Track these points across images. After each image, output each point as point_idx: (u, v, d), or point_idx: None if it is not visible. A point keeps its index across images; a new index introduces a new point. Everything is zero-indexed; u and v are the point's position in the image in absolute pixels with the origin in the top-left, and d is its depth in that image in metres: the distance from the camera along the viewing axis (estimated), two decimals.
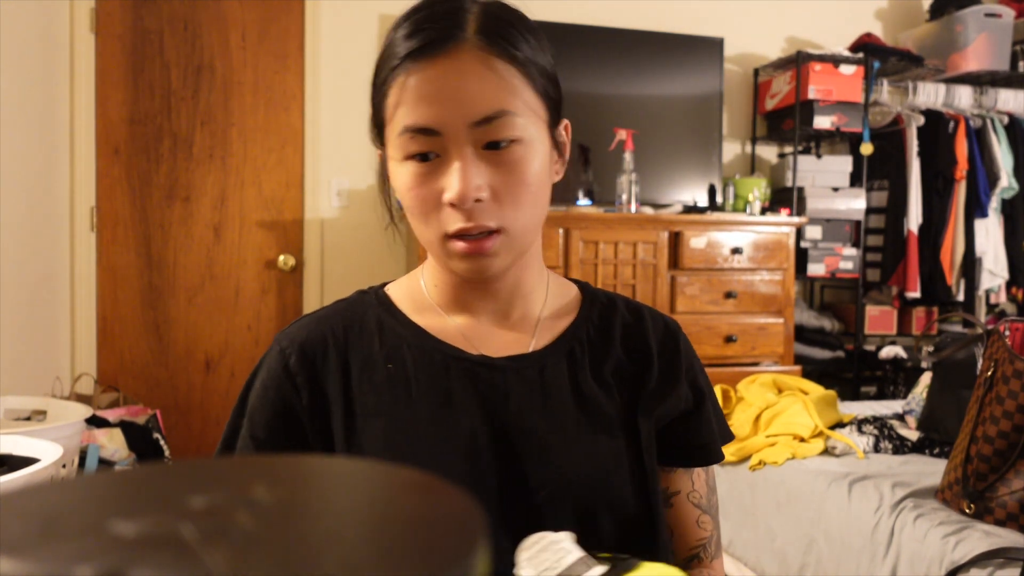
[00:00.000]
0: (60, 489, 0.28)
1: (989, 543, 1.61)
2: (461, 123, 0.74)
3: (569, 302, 0.90)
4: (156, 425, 2.25)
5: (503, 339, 0.85)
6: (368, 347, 0.83)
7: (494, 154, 0.75)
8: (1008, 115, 4.02)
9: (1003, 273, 3.98)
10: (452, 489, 0.28)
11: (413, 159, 0.76)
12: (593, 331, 0.87)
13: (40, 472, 1.03)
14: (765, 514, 2.25)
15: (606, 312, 0.89)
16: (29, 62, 2.73)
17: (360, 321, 0.85)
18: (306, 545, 0.23)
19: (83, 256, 3.26)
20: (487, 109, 0.74)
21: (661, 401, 0.85)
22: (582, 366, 0.84)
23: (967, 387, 2.10)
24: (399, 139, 0.76)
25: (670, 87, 3.75)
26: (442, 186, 0.75)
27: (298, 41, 3.47)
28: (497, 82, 0.75)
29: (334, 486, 0.30)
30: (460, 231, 0.75)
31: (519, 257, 0.81)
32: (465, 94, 0.74)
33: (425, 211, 0.77)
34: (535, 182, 0.78)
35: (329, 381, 0.81)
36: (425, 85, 0.74)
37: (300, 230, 3.49)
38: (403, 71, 0.75)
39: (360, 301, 0.88)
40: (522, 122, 0.76)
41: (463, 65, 0.74)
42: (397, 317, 0.85)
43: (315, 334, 0.84)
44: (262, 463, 0.32)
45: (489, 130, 0.74)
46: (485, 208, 0.75)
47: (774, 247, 3.52)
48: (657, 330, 0.89)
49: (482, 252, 0.76)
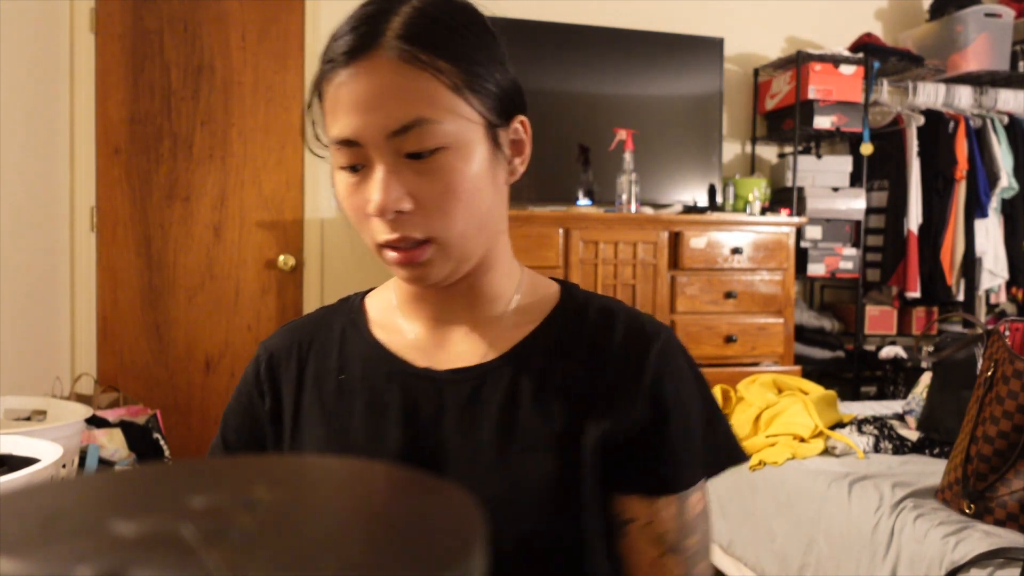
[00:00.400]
0: (60, 489, 0.28)
1: (989, 543, 1.61)
2: (379, 134, 0.71)
3: (539, 307, 0.83)
4: (156, 425, 2.25)
5: (457, 349, 0.81)
6: (326, 358, 0.84)
7: (418, 163, 0.72)
8: (1008, 115, 4.02)
9: (1003, 273, 3.98)
10: (452, 489, 0.28)
11: (344, 169, 0.75)
12: (552, 341, 0.80)
13: (40, 472, 1.03)
14: (765, 514, 2.24)
15: (575, 318, 0.82)
16: (29, 62, 2.73)
17: (327, 331, 0.86)
18: (306, 545, 0.23)
19: (83, 256, 3.26)
20: (402, 119, 0.71)
21: (608, 413, 0.77)
22: (527, 380, 0.78)
23: (967, 387, 2.10)
24: (332, 149, 0.75)
25: (670, 87, 3.75)
26: (366, 197, 0.73)
27: (298, 41, 3.47)
28: (413, 90, 0.71)
29: (334, 486, 0.30)
30: (387, 243, 0.74)
31: (462, 264, 0.77)
32: (380, 104, 0.71)
33: (358, 220, 0.76)
34: (469, 188, 0.74)
35: (285, 389, 0.84)
36: (346, 93, 0.72)
37: (300, 230, 3.49)
38: (331, 76, 0.74)
39: (336, 310, 0.89)
40: (447, 128, 0.72)
41: (378, 74, 0.71)
42: (359, 328, 0.85)
43: (286, 342, 0.87)
44: (262, 463, 0.32)
45: (407, 139, 0.71)
46: (410, 219, 0.73)
47: (774, 247, 3.52)
48: (624, 334, 0.80)
49: (413, 261, 0.74)
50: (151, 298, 3.36)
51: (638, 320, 0.82)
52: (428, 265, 0.75)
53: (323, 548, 0.24)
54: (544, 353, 0.80)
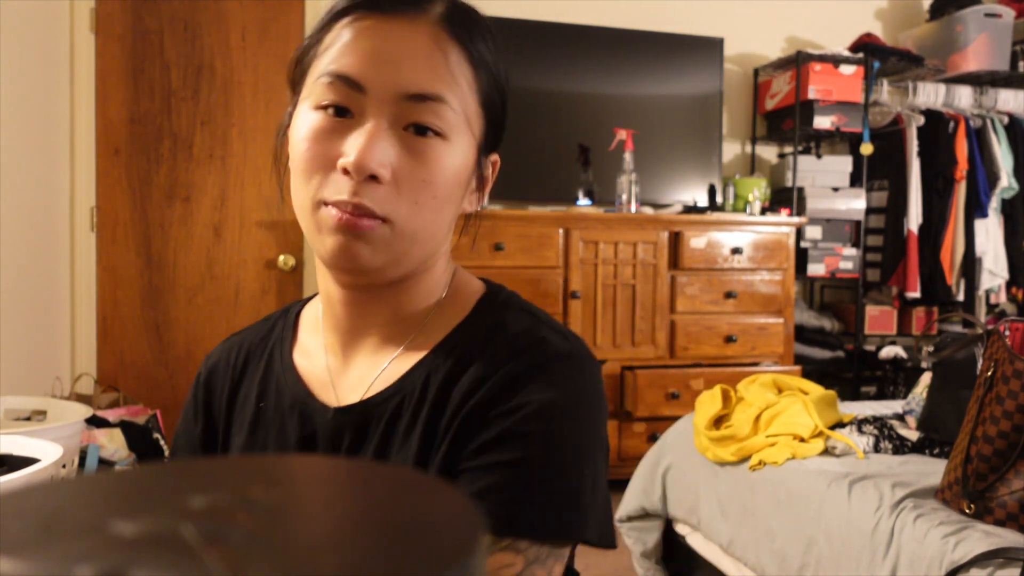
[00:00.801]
0: (60, 489, 0.28)
1: (989, 543, 1.61)
2: (391, 89, 0.66)
3: (442, 328, 0.75)
4: (156, 425, 2.25)
5: (355, 375, 0.75)
6: (251, 381, 0.80)
7: (412, 138, 0.67)
8: (1008, 115, 4.02)
9: (1003, 273, 3.98)
10: (452, 489, 0.28)
11: (324, 109, 0.67)
12: (432, 371, 0.71)
13: (40, 472, 1.03)
14: (765, 514, 2.24)
15: (470, 336, 0.72)
16: (29, 62, 2.73)
17: (261, 348, 0.82)
18: (306, 545, 0.23)
19: (83, 256, 3.26)
20: (424, 87, 0.66)
21: (454, 441, 0.68)
22: (402, 418, 0.71)
23: (967, 387, 2.10)
24: (319, 84, 0.67)
25: (670, 87, 3.75)
26: (342, 149, 0.66)
27: (298, 41, 3.46)
28: (445, 69, 0.67)
29: (333, 486, 0.30)
30: (338, 201, 0.65)
31: (398, 263, 0.70)
32: (407, 63, 0.66)
33: (310, 169, 0.67)
34: (444, 189, 0.68)
35: (218, 413, 0.81)
36: (368, 37, 0.67)
37: (300, 230, 3.48)
38: (350, 14, 0.68)
39: (277, 323, 0.84)
40: (453, 119, 0.68)
41: (417, 37, 0.67)
42: (283, 349, 0.80)
43: (224, 359, 0.82)
44: (262, 463, 0.32)
45: (418, 109, 0.66)
46: (376, 191, 0.65)
47: (774, 247, 3.52)
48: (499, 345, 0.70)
49: (354, 229, 0.65)
50: (151, 298, 3.37)
51: (530, 334, 0.70)
52: (368, 242, 0.66)
53: (323, 548, 0.24)
54: (424, 382, 0.71)
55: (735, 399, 2.61)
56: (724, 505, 2.41)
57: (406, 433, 0.70)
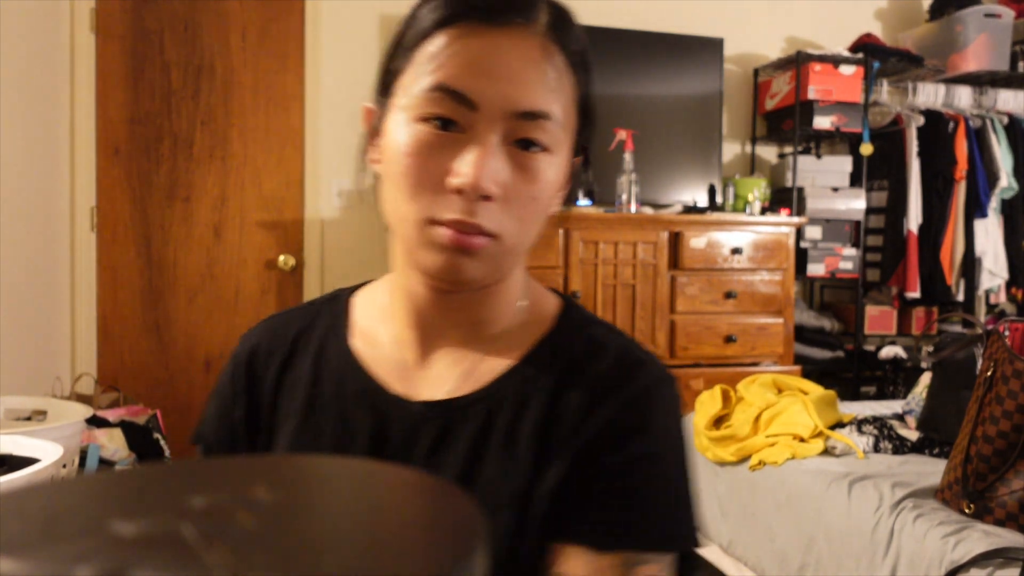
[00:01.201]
0: (60, 489, 0.28)
1: (989, 543, 1.61)
2: (503, 106, 0.64)
3: (530, 336, 0.75)
4: (156, 425, 2.24)
5: (435, 372, 0.74)
6: (303, 364, 0.77)
7: (519, 154, 0.66)
8: (1008, 115, 4.02)
9: (1003, 273, 3.98)
10: (452, 489, 0.28)
11: (429, 122, 0.65)
12: (531, 376, 0.72)
13: (40, 472, 1.03)
14: (765, 514, 2.25)
15: (562, 349, 0.73)
16: (29, 62, 2.73)
17: (309, 332, 0.79)
18: (306, 545, 0.23)
19: (83, 256, 3.26)
20: (535, 104, 0.65)
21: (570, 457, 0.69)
22: (496, 423, 0.71)
23: (967, 387, 2.10)
24: (424, 95, 0.65)
25: (670, 87, 3.75)
26: (451, 166, 0.65)
27: (298, 41, 3.47)
28: (554, 81, 0.67)
29: (334, 486, 0.30)
30: (452, 221, 0.64)
31: (496, 275, 0.71)
32: (520, 79, 0.65)
33: (418, 185, 0.65)
34: (546, 200, 0.70)
35: (263, 397, 0.77)
36: (477, 49, 0.65)
37: (300, 230, 3.49)
38: (456, 23, 0.65)
39: (323, 308, 0.81)
40: (556, 132, 0.68)
41: (528, 49, 0.66)
42: (339, 334, 0.78)
43: (267, 341, 0.79)
44: (262, 463, 0.32)
45: (526, 127, 0.66)
46: (490, 209, 0.65)
47: (774, 247, 3.52)
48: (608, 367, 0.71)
49: (466, 248, 0.65)
50: (151, 298, 3.37)
51: (630, 354, 0.73)
52: (475, 259, 0.66)
53: (323, 548, 0.24)
54: (520, 391, 0.72)
55: (735, 399, 2.61)
56: (724, 505, 2.41)
57: (508, 440, 0.70)
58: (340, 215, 3.52)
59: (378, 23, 3.57)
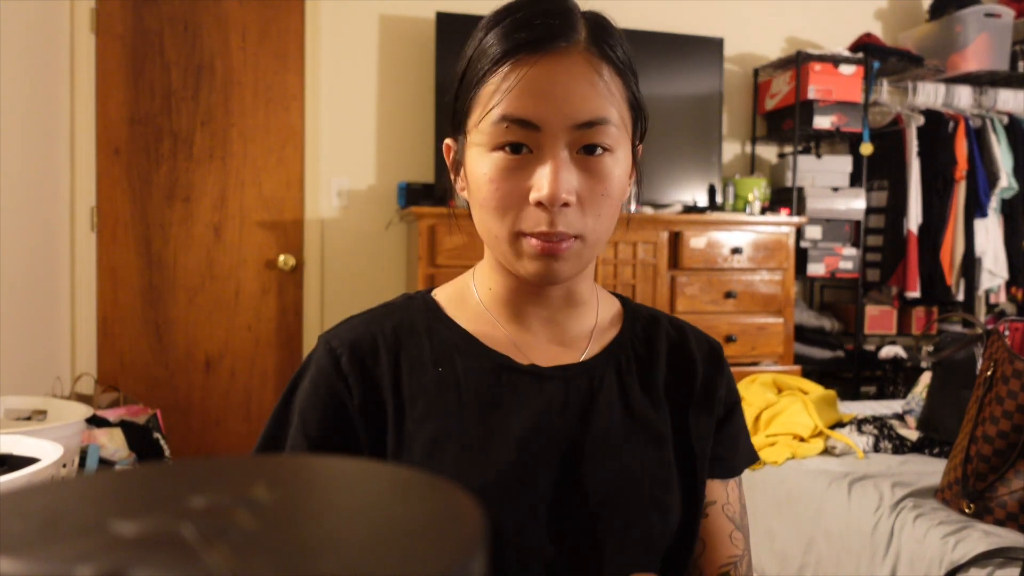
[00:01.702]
0: (60, 489, 0.28)
1: (989, 543, 1.61)
2: (563, 123, 0.73)
3: (613, 315, 0.90)
4: (156, 425, 2.24)
5: (552, 350, 0.84)
6: (417, 349, 0.82)
7: (585, 160, 0.75)
8: (1008, 115, 4.02)
9: (1003, 273, 3.98)
10: (452, 489, 0.28)
11: (503, 149, 0.74)
12: (638, 345, 0.87)
13: (40, 472, 1.03)
14: (765, 514, 2.25)
15: (649, 327, 0.90)
16: (29, 62, 2.73)
17: (409, 323, 0.84)
18: (306, 545, 0.23)
19: (83, 256, 3.26)
20: (591, 113, 0.74)
21: (710, 401, 0.87)
22: (630, 378, 0.85)
23: (967, 387, 2.10)
24: (493, 127, 0.74)
25: (670, 87, 3.75)
26: (530, 183, 0.74)
27: (298, 41, 3.47)
28: (603, 88, 0.75)
29: (334, 486, 0.30)
30: (538, 233, 0.74)
31: (583, 268, 0.80)
32: (573, 95, 0.73)
33: (504, 206, 0.75)
34: (616, 195, 0.77)
35: (381, 381, 0.80)
36: (533, 79, 0.73)
37: (300, 230, 3.49)
38: (510, 62, 0.74)
39: (407, 305, 0.87)
40: (615, 132, 0.76)
41: (574, 66, 0.74)
42: (445, 322, 0.84)
43: (364, 334, 0.83)
44: (262, 463, 0.32)
45: (588, 134, 0.74)
46: (569, 214, 0.74)
47: (774, 247, 3.52)
48: (701, 349, 0.90)
49: (555, 254, 0.75)
50: (151, 298, 3.37)
51: (703, 335, 0.94)
52: (564, 260, 0.76)
53: (323, 548, 0.24)
54: (634, 357, 0.86)
55: None
56: None
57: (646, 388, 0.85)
58: (340, 215, 3.52)
59: (378, 23, 3.57)
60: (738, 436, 0.91)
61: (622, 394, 0.83)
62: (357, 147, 3.53)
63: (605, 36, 0.77)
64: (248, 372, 3.46)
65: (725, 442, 0.89)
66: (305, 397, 0.81)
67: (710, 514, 0.87)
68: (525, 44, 0.73)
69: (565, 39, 0.74)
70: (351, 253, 3.51)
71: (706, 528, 0.87)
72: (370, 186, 3.54)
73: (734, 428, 0.90)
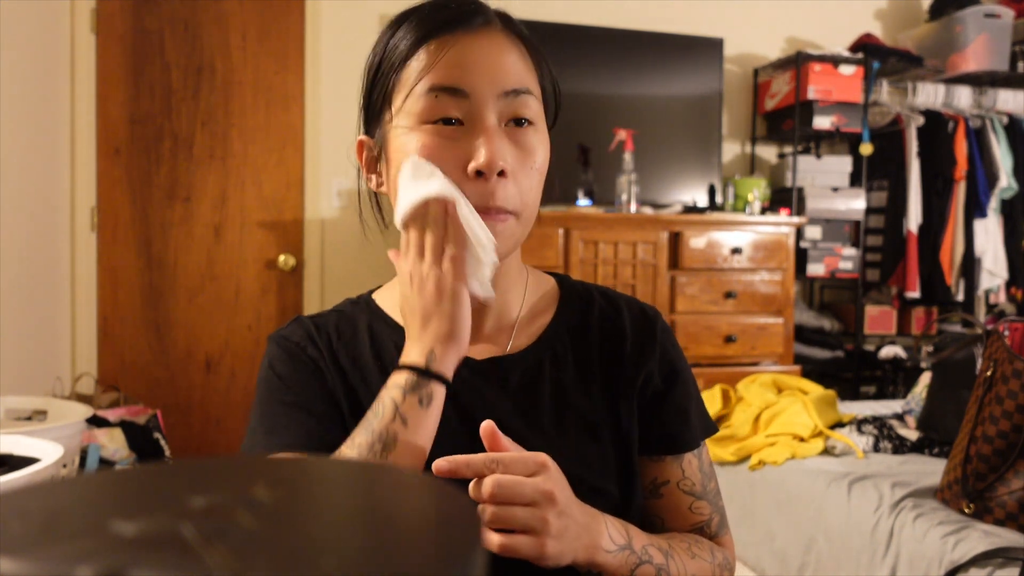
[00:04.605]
0: (61, 489, 0.28)
1: (988, 543, 1.61)
2: (492, 90, 0.74)
3: (546, 298, 0.89)
4: (156, 425, 2.24)
5: (482, 338, 0.84)
6: (359, 349, 0.84)
7: (514, 131, 0.76)
8: (1007, 115, 4.02)
9: (1002, 273, 3.98)
10: (452, 489, 0.28)
11: (432, 124, 0.74)
12: (572, 329, 0.87)
13: (41, 472, 1.03)
14: (765, 514, 2.25)
15: (583, 306, 0.89)
16: (29, 62, 2.73)
17: (352, 326, 0.86)
18: (306, 545, 0.23)
19: (83, 256, 3.26)
20: (517, 82, 0.76)
21: (633, 382, 0.85)
22: (564, 366, 0.84)
23: (966, 387, 2.10)
24: (421, 100, 0.74)
25: (670, 87, 3.75)
26: (464, 153, 0.74)
27: (298, 41, 3.47)
28: (524, 62, 0.78)
29: (334, 486, 0.30)
30: (479, 207, 0.74)
31: (514, 249, 0.80)
32: (498, 64, 0.75)
33: None
34: (543, 172, 0.79)
35: (334, 373, 0.83)
36: (455, 52, 0.74)
37: (300, 230, 3.49)
38: (430, 39, 0.75)
39: (349, 309, 0.89)
40: (536, 107, 0.78)
41: (495, 40, 0.76)
42: (386, 321, 0.86)
43: (309, 333, 0.85)
44: (262, 463, 0.32)
45: (515, 104, 0.75)
46: (503, 187, 0.74)
47: (774, 247, 3.52)
48: (633, 316, 0.88)
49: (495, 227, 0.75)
50: (151, 298, 3.37)
51: (637, 303, 0.91)
52: (501, 236, 0.75)
53: (323, 548, 0.24)
54: (566, 339, 0.86)
55: (735, 399, 2.61)
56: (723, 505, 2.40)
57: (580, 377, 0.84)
58: (340, 215, 3.52)
59: (378, 23, 3.57)
60: (687, 408, 0.87)
61: (554, 386, 0.83)
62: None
63: (513, 22, 0.80)
64: (248, 372, 3.46)
65: (672, 416, 0.86)
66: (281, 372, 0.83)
67: (665, 494, 0.86)
68: (445, 23, 0.75)
69: (484, 18, 0.77)
70: (351, 253, 3.51)
71: (662, 507, 0.86)
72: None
73: (680, 399, 0.87)
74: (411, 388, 0.72)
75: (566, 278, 0.93)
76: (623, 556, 0.74)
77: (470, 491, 0.67)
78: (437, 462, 0.67)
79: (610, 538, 0.73)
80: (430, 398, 0.73)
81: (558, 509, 0.67)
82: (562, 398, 0.83)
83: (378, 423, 0.72)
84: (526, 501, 0.66)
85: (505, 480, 0.66)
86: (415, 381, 0.72)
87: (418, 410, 0.72)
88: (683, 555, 0.80)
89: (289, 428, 0.79)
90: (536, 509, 0.66)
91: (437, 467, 0.67)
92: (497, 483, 0.65)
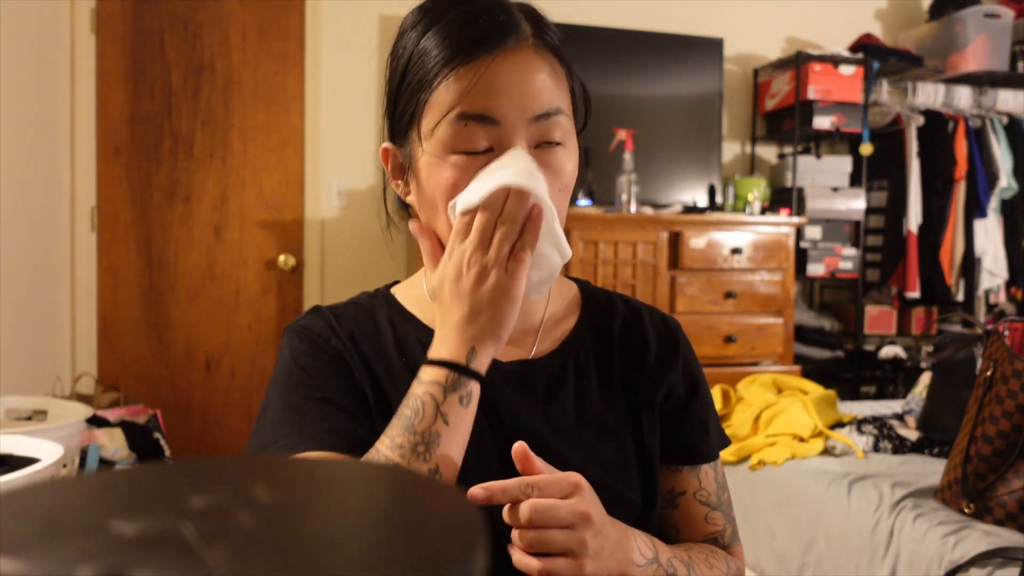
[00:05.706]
0: (61, 489, 0.28)
1: (988, 543, 1.61)
2: (523, 115, 0.73)
3: (569, 304, 0.89)
4: (156, 425, 2.24)
5: (509, 343, 0.83)
6: (382, 341, 0.83)
7: (543, 153, 0.75)
8: (1007, 115, 4.02)
9: (1002, 273, 3.98)
10: (452, 489, 0.28)
11: (462, 153, 0.73)
12: (595, 334, 0.87)
13: (41, 472, 1.03)
14: (765, 514, 2.25)
15: (606, 313, 0.89)
16: (29, 62, 2.73)
17: (371, 318, 0.85)
18: (306, 545, 0.23)
19: (83, 256, 3.26)
20: (548, 105, 0.74)
21: (655, 392, 0.86)
22: (587, 373, 0.84)
23: (966, 387, 2.10)
24: (450, 128, 0.73)
25: (670, 87, 3.75)
26: None
27: (298, 41, 3.47)
28: (555, 80, 0.76)
29: (334, 486, 0.30)
30: None
31: None
32: (529, 88, 0.73)
33: None
34: (569, 190, 0.78)
35: (356, 366, 0.81)
36: (488, 77, 0.72)
37: (300, 230, 3.49)
38: (461, 66, 0.73)
39: (367, 302, 0.87)
40: (566, 124, 0.76)
41: (525, 60, 0.74)
42: (406, 316, 0.85)
43: (330, 324, 0.83)
44: (262, 463, 0.32)
45: (546, 127, 0.74)
46: None
47: (774, 247, 3.52)
48: (656, 327, 0.89)
49: None
50: (151, 298, 3.37)
51: (659, 313, 0.92)
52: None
53: (323, 548, 0.24)
54: (591, 348, 0.86)
55: (735, 399, 2.61)
56: None
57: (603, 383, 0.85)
58: (340, 215, 3.52)
59: (378, 23, 3.57)
60: (707, 420, 0.89)
61: (577, 391, 0.83)
62: (357, 147, 3.53)
63: (545, 28, 0.78)
64: (248, 372, 3.46)
65: (692, 427, 0.88)
66: (302, 363, 0.80)
67: (681, 504, 0.87)
68: (475, 43, 0.72)
69: (514, 35, 0.74)
70: (351, 253, 3.51)
71: (678, 517, 0.87)
72: (370, 186, 3.54)
73: (700, 411, 0.88)
74: (452, 386, 0.71)
75: (587, 284, 0.93)
76: (652, 570, 0.74)
77: (505, 516, 0.66)
78: (472, 490, 0.66)
79: (640, 552, 0.73)
80: (470, 397, 0.71)
81: (594, 529, 0.66)
82: (585, 404, 0.83)
83: (420, 422, 0.70)
84: (563, 524, 0.65)
85: (541, 504, 0.65)
86: (456, 379, 0.71)
87: (459, 409, 0.71)
88: (703, 566, 0.81)
89: (318, 423, 0.77)
90: (573, 531, 0.65)
91: (472, 495, 0.66)
92: (534, 508, 0.65)
